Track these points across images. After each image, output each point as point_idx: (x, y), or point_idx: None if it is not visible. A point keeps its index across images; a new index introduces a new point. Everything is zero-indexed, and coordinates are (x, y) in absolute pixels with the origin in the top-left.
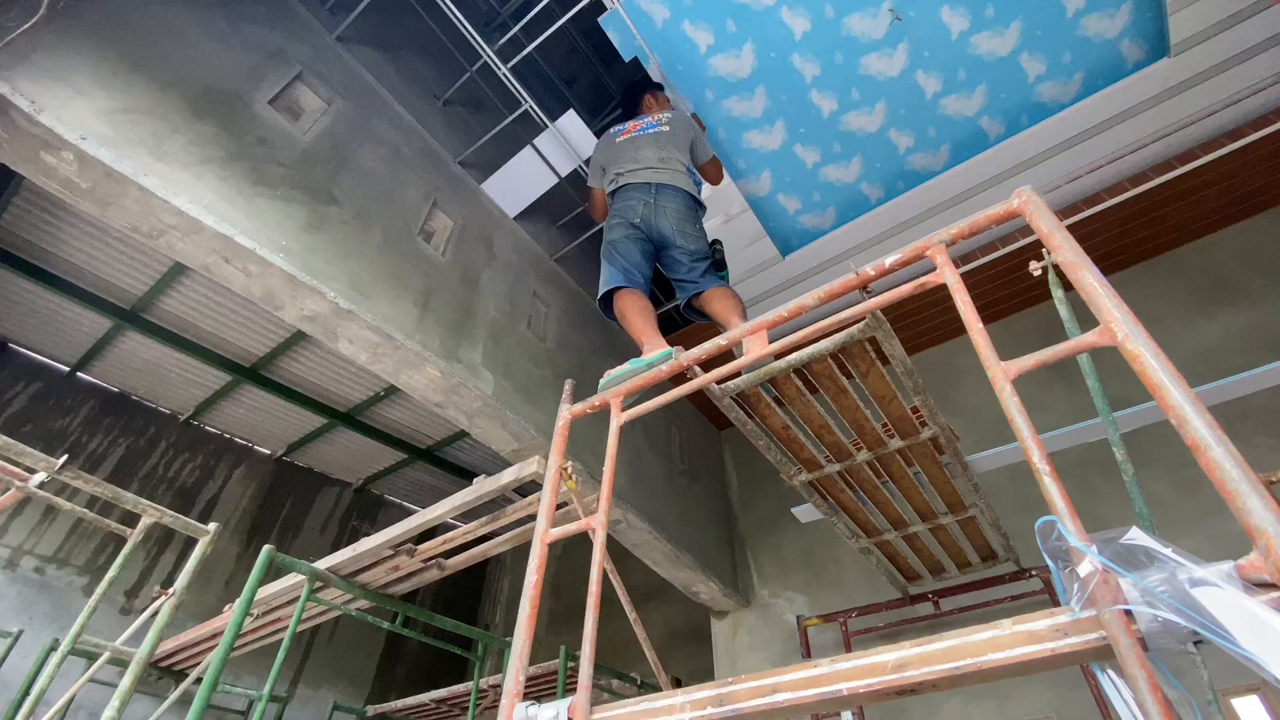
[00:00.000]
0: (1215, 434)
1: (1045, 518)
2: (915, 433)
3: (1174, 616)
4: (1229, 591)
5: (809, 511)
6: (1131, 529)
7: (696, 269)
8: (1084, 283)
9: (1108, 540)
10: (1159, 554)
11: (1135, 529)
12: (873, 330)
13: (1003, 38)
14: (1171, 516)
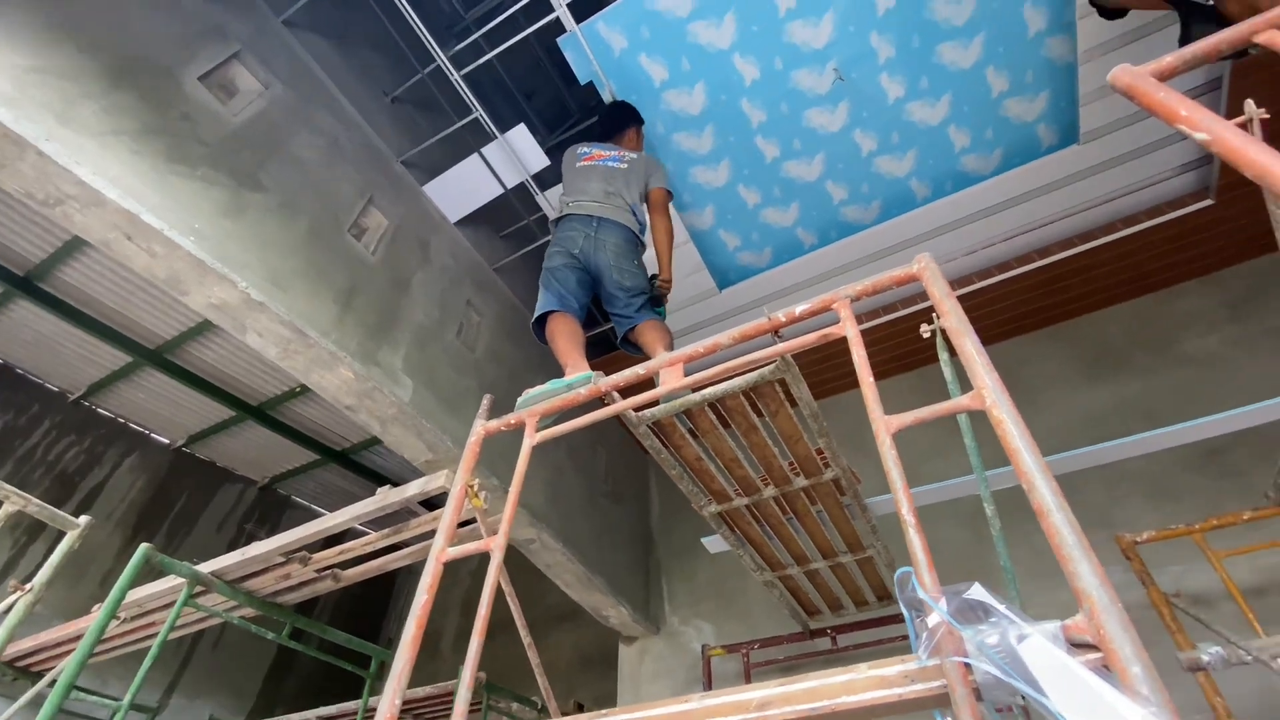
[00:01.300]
0: (1057, 500)
1: (903, 569)
2: (819, 473)
3: (997, 671)
4: (1051, 650)
5: (717, 542)
6: (974, 585)
7: (633, 304)
8: (964, 349)
9: (955, 594)
10: (995, 610)
11: (977, 585)
12: (782, 373)
13: (934, 108)
14: (1050, 569)
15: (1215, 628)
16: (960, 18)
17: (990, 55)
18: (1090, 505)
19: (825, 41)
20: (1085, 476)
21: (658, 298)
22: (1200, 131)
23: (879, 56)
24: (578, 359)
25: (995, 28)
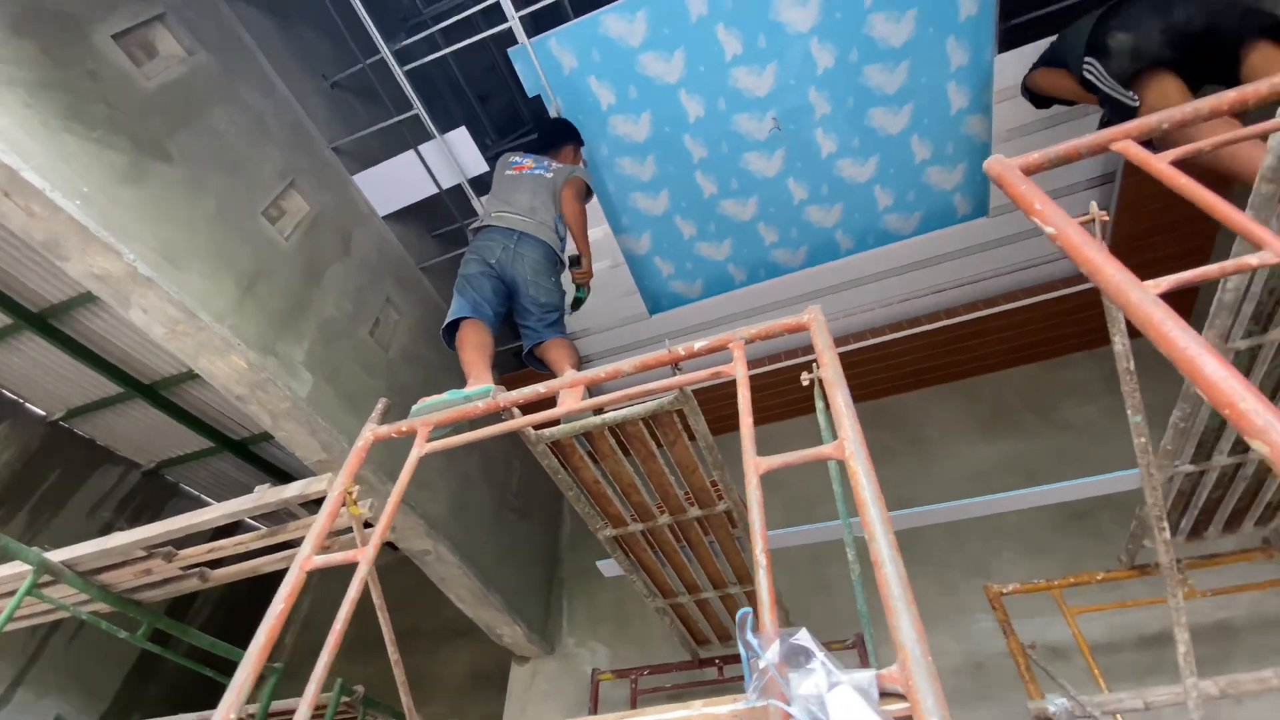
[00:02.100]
0: (891, 553)
1: (743, 610)
2: (713, 504)
3: (807, 718)
4: (853, 700)
5: (612, 566)
6: (801, 630)
7: (545, 319)
8: (835, 400)
9: (786, 637)
10: (815, 656)
11: (804, 630)
12: (681, 404)
13: (862, 167)
14: (929, 612)
15: (1061, 680)
16: (892, 87)
17: (916, 125)
18: (970, 555)
19: (767, 91)
20: (969, 526)
21: (578, 285)
22: (1049, 226)
23: (816, 112)
24: (481, 370)
25: (923, 100)
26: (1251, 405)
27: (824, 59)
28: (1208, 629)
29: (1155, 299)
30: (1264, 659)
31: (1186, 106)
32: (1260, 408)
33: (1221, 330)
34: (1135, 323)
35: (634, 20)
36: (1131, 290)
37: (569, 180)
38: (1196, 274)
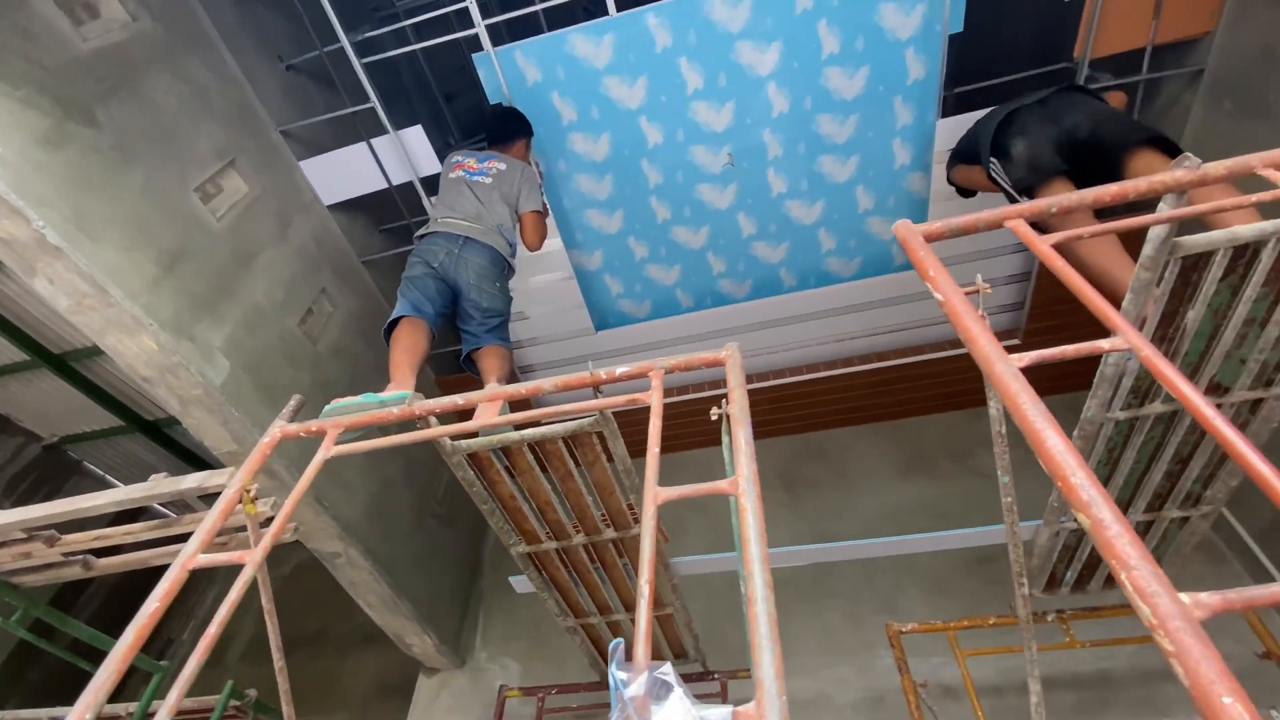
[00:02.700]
0: (765, 592)
1: (616, 640)
2: (628, 527)
3: None
4: None
5: (524, 582)
6: (665, 665)
7: (486, 324)
8: (736, 436)
9: (653, 670)
10: (675, 690)
11: (668, 665)
12: (601, 427)
13: (809, 210)
14: (837, 645)
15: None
16: (841, 137)
17: (862, 175)
18: (880, 591)
19: (724, 127)
20: (881, 563)
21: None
22: (938, 292)
23: (769, 153)
24: (404, 375)
25: (869, 154)
26: (1081, 480)
27: (780, 104)
28: (1089, 678)
29: (1016, 372)
30: (1140, 710)
31: (1073, 195)
32: (1088, 483)
33: (1103, 400)
34: (998, 391)
35: (601, 44)
36: (997, 362)
37: (526, 217)
38: (1055, 353)
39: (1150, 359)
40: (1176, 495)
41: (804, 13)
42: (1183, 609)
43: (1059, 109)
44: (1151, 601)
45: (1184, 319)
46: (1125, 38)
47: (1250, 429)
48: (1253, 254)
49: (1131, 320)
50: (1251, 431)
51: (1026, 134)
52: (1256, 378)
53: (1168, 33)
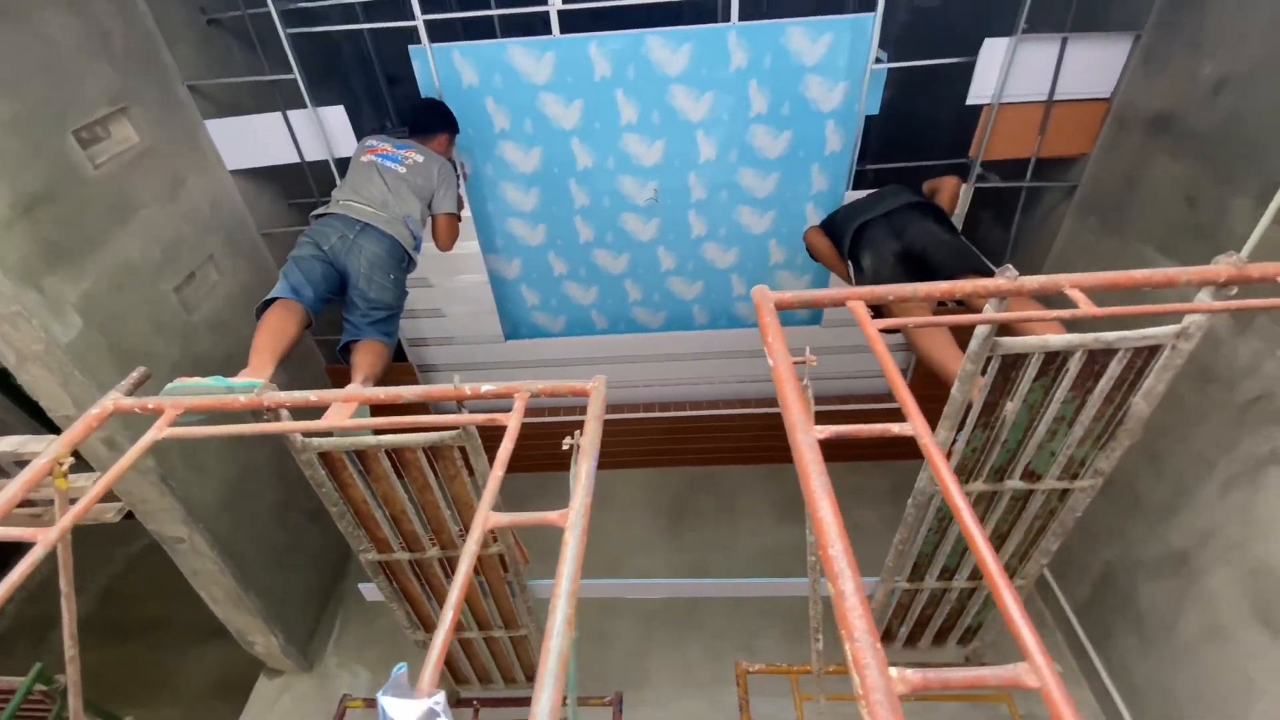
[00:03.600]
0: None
1: (400, 665)
2: (486, 545)
3: None
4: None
5: (374, 590)
6: (440, 693)
7: (370, 316)
8: (580, 467)
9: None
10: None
11: (442, 693)
12: (463, 441)
13: (724, 255)
14: (692, 679)
15: None
16: (761, 192)
17: (776, 231)
18: (742, 629)
19: (653, 163)
20: (747, 603)
21: None
22: (771, 358)
23: (692, 195)
24: (264, 361)
25: (784, 211)
26: (837, 552)
27: (707, 151)
28: None
29: (813, 442)
30: None
31: (905, 287)
32: (843, 555)
33: (931, 475)
34: (795, 457)
35: (541, 60)
36: (800, 431)
37: (440, 219)
38: (849, 430)
39: (926, 445)
40: None
41: (737, 70)
42: (887, 683)
43: (901, 226)
44: (863, 673)
45: (1003, 410)
46: (1014, 146)
47: (1059, 515)
48: (1062, 361)
49: (958, 404)
50: (1059, 518)
51: (874, 248)
52: (1065, 469)
53: (1050, 148)
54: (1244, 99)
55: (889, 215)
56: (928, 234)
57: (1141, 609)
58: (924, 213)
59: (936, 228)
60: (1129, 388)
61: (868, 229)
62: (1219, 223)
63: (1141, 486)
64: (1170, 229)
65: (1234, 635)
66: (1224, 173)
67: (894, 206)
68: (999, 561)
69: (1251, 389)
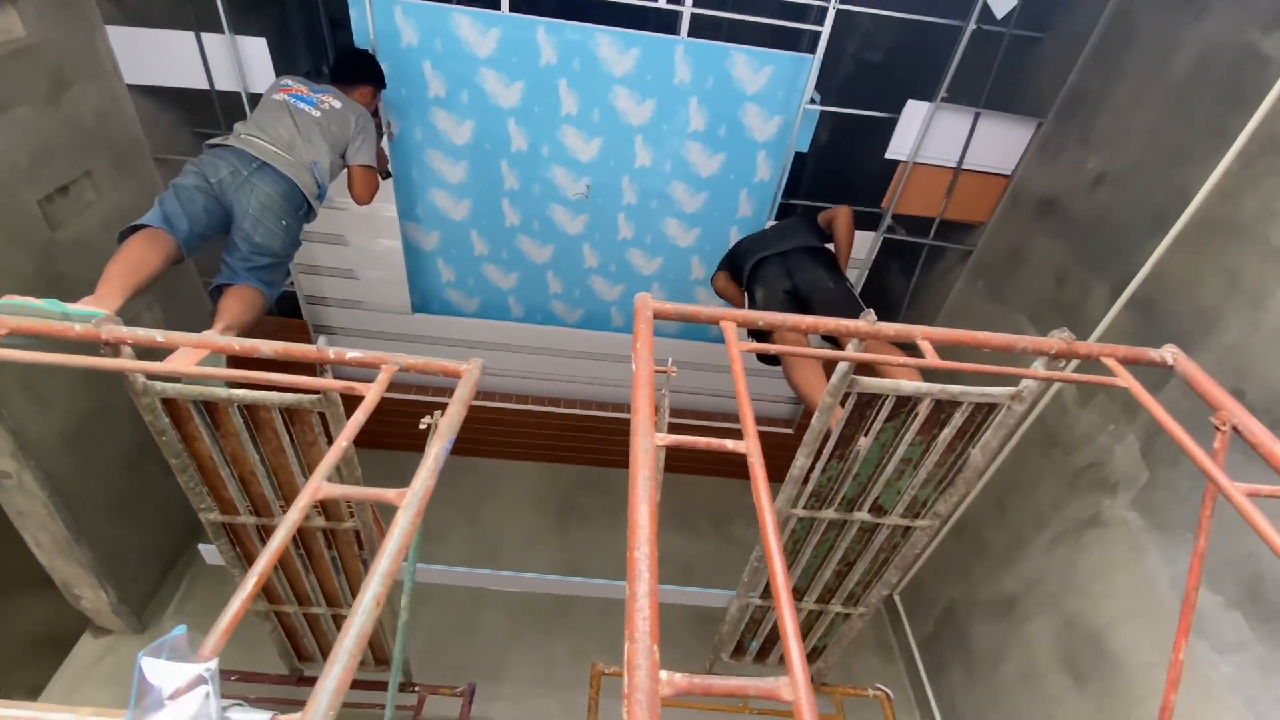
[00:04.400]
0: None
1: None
2: (341, 519)
3: None
4: None
5: (215, 554)
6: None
7: (250, 262)
8: (430, 448)
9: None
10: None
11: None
12: (323, 407)
13: (649, 262)
14: (553, 678)
15: None
16: (690, 207)
17: (699, 247)
18: (611, 631)
19: (588, 159)
20: (617, 606)
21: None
22: (634, 363)
23: (623, 198)
24: (113, 291)
25: (709, 229)
26: (642, 555)
27: (643, 157)
28: None
29: (651, 447)
30: None
31: (776, 316)
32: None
33: (789, 497)
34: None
35: (486, 34)
36: (642, 436)
37: (355, 170)
38: (688, 441)
39: (754, 465)
40: (842, 593)
41: (681, 84)
42: (653, 685)
43: (793, 267)
44: (633, 672)
45: (857, 445)
46: (922, 205)
47: (900, 550)
48: (912, 406)
49: (816, 434)
50: (901, 553)
51: (766, 284)
52: (908, 508)
53: (954, 212)
54: (1116, 196)
55: (785, 255)
56: (816, 281)
57: (973, 646)
58: (816, 259)
59: (825, 276)
60: (969, 439)
61: (764, 265)
62: (1081, 303)
63: (988, 533)
64: (1041, 302)
65: (1044, 679)
66: (1090, 260)
67: (791, 247)
68: (789, 580)
69: (1086, 457)
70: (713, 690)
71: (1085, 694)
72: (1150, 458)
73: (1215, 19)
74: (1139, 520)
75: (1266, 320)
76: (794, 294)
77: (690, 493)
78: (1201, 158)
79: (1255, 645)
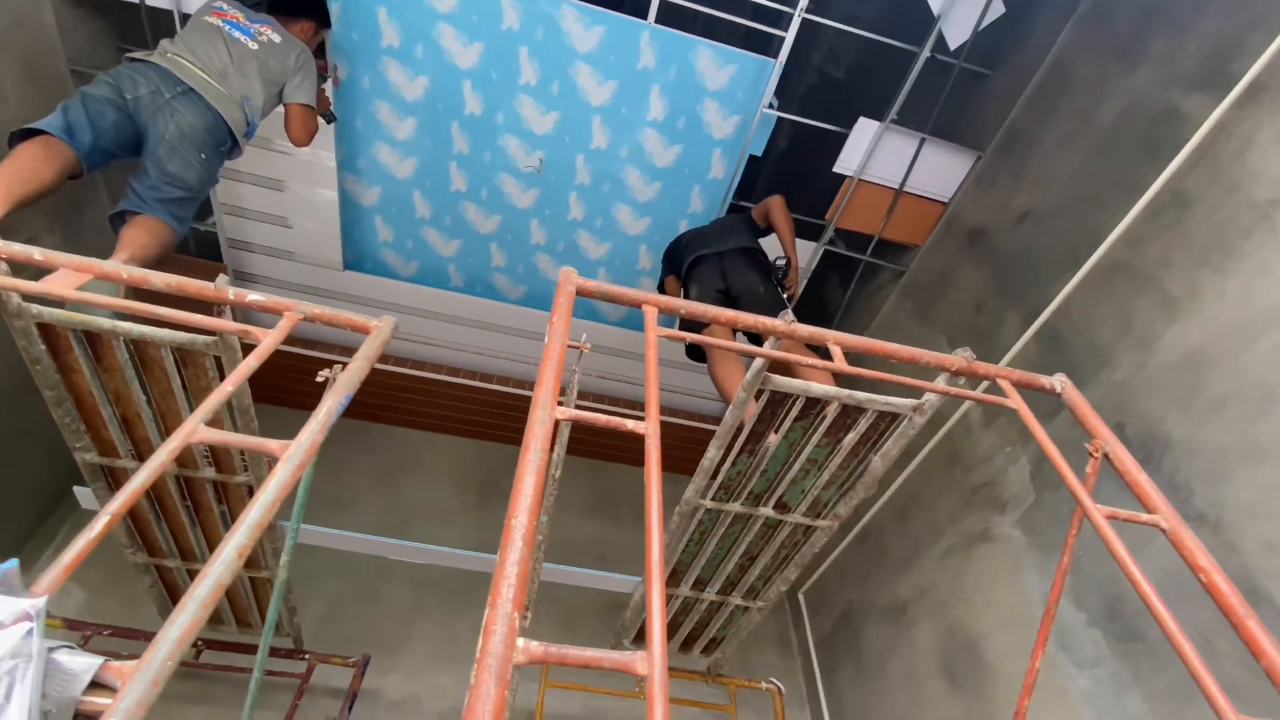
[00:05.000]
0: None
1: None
2: (233, 473)
3: None
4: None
5: (91, 498)
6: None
7: (160, 192)
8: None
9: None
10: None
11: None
12: (219, 351)
13: (596, 247)
14: (453, 654)
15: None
16: (642, 196)
17: (648, 237)
18: None
19: (544, 132)
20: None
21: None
22: (549, 336)
23: (576, 177)
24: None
25: (659, 221)
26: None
27: (599, 139)
28: None
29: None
30: None
31: (697, 305)
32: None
33: (699, 487)
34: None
35: None
36: (540, 408)
37: (292, 109)
38: (588, 416)
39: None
40: (743, 586)
41: (644, 69)
42: (506, 650)
43: (728, 268)
44: (489, 638)
45: (768, 441)
46: (863, 221)
47: (801, 548)
48: (821, 408)
49: (729, 426)
50: (801, 551)
51: (700, 282)
52: (811, 507)
53: (892, 232)
54: (1036, 233)
55: (721, 255)
56: (748, 284)
57: (864, 647)
58: (750, 262)
59: (758, 280)
60: (871, 446)
61: (702, 263)
62: (995, 330)
63: (889, 540)
64: (960, 326)
65: (924, 682)
66: (1008, 290)
67: (728, 247)
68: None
69: (983, 476)
70: (567, 660)
71: (958, 698)
72: (1038, 480)
73: (1144, 74)
74: (1022, 538)
75: (1152, 361)
76: (726, 294)
77: (616, 481)
78: (1115, 205)
79: (1110, 662)
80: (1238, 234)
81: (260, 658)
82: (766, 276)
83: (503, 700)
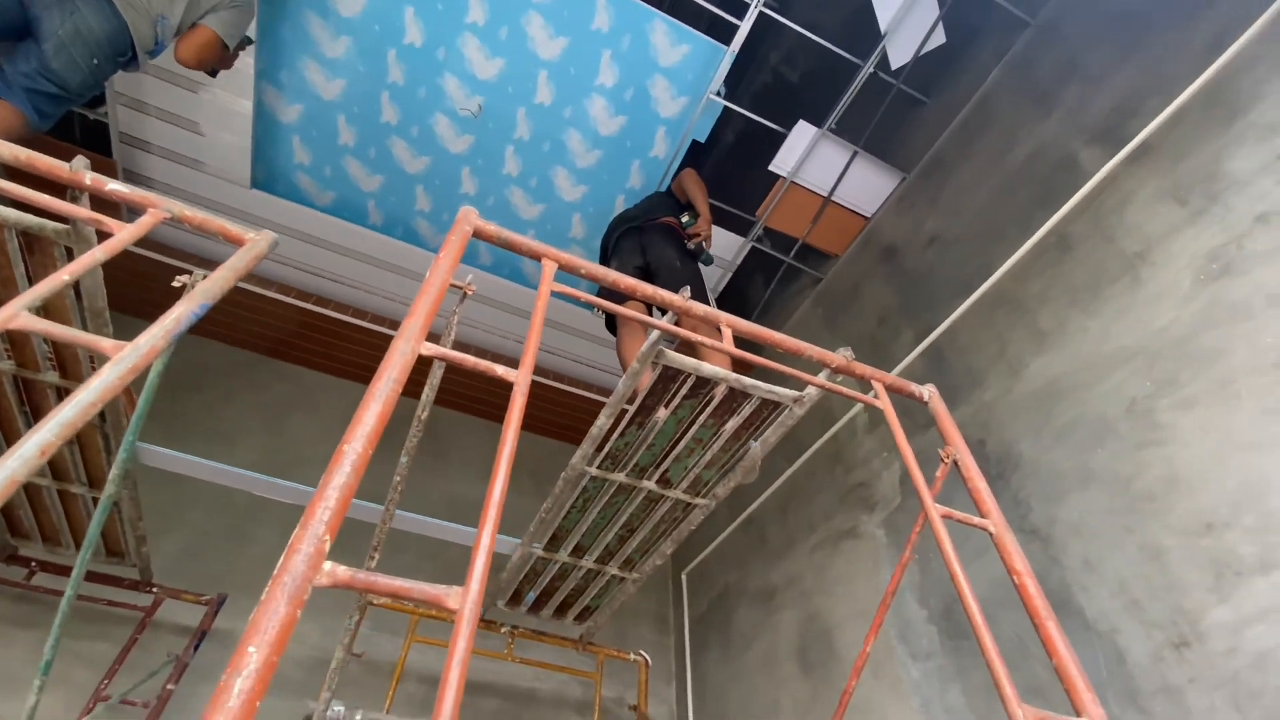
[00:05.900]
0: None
1: None
2: (80, 380)
3: None
4: None
5: None
6: None
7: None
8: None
9: None
10: None
11: None
12: (71, 241)
13: (529, 208)
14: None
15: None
16: (582, 162)
17: (583, 206)
18: (399, 567)
19: (486, 77)
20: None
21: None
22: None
23: (516, 130)
24: None
25: (596, 191)
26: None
27: (544, 95)
28: (520, 692)
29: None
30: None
31: (599, 269)
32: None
33: (585, 454)
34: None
35: None
36: (403, 339)
37: (201, 29)
38: (456, 356)
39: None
40: (620, 557)
41: (597, 31)
42: (307, 570)
43: (646, 244)
44: (292, 555)
45: (657, 415)
46: (791, 224)
47: (680, 524)
48: (710, 388)
49: (620, 396)
50: (679, 527)
51: (620, 256)
52: (692, 485)
53: (816, 239)
54: (940, 258)
55: (641, 230)
56: (665, 259)
57: (733, 629)
58: (669, 238)
59: (674, 255)
60: (753, 431)
61: (624, 238)
62: (891, 343)
63: (769, 529)
64: (863, 338)
65: (780, 665)
66: (907, 308)
67: (649, 221)
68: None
69: (859, 477)
70: (374, 587)
71: (808, 681)
72: (905, 485)
73: (1055, 122)
74: (884, 537)
75: (1017, 387)
76: (644, 269)
77: (521, 449)
78: (1009, 240)
79: (940, 656)
80: (1106, 280)
81: (75, 578)
82: (685, 254)
83: (292, 620)
